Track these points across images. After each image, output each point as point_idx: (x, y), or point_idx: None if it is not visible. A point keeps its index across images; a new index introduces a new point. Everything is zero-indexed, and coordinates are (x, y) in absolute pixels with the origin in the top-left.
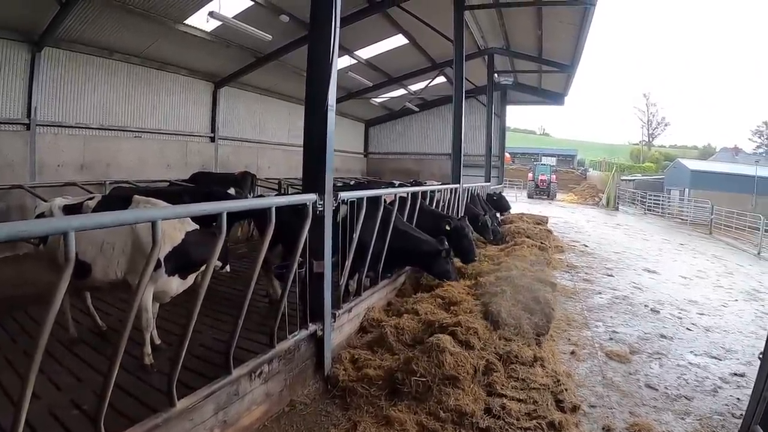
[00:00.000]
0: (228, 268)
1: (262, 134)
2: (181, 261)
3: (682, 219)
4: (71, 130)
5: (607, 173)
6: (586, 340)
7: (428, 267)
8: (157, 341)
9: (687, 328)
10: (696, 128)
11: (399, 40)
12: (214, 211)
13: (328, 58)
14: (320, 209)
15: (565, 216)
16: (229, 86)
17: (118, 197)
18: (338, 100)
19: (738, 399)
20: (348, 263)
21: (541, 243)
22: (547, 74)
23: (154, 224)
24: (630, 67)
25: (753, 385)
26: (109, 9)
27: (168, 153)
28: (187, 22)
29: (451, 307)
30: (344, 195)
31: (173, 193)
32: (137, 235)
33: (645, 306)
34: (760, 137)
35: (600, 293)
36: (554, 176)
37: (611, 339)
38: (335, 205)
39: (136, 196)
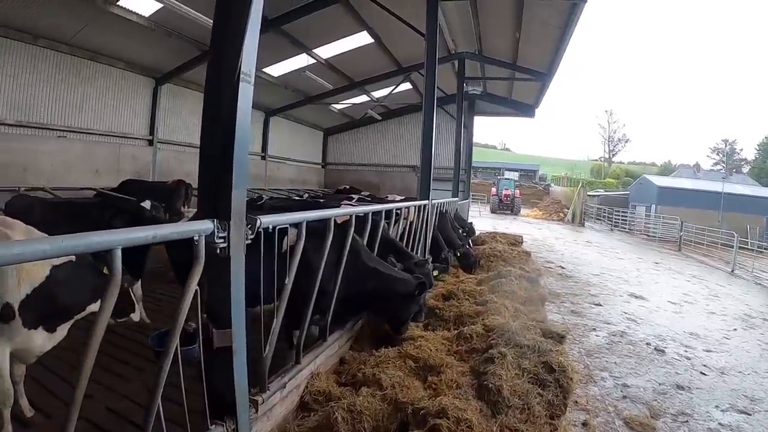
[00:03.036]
0: (136, 316)
1: None
2: (45, 308)
3: (649, 235)
4: None
5: (571, 188)
6: (596, 401)
7: (395, 312)
8: (29, 413)
9: (701, 373)
10: (655, 145)
11: (363, 38)
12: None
13: None
14: (221, 245)
15: (533, 233)
16: (171, 83)
17: None
18: (294, 105)
19: None
20: (277, 320)
21: (527, 271)
22: (519, 84)
23: None
24: (589, 84)
25: None
26: None
27: (97, 156)
28: (120, 3)
29: (429, 377)
30: (268, 220)
31: (84, 207)
32: None
33: (647, 344)
34: (718, 154)
35: (594, 330)
36: (518, 191)
37: (625, 397)
38: (251, 236)
39: None
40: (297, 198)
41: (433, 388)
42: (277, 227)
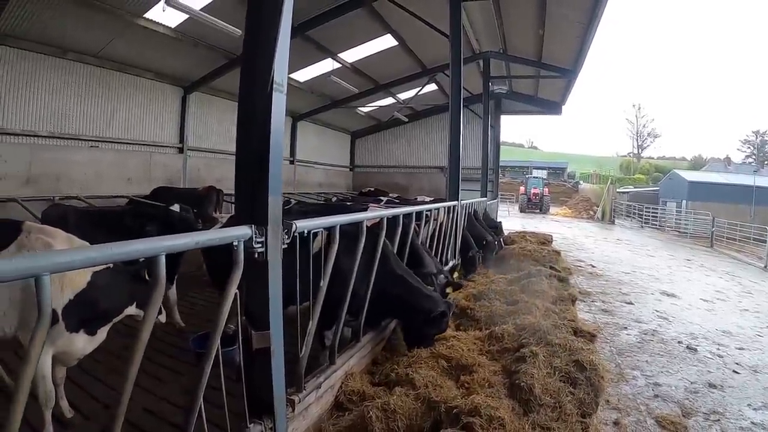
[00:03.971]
0: (162, 317)
1: None
2: (87, 312)
3: (680, 232)
4: (16, 138)
5: (600, 186)
6: (627, 399)
7: (413, 329)
8: (68, 414)
9: (733, 371)
10: (684, 139)
11: (387, 41)
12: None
13: (277, 2)
14: (259, 250)
15: (563, 231)
16: (199, 91)
17: (7, 225)
18: (321, 109)
19: None
20: (313, 322)
21: (557, 271)
22: (545, 82)
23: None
24: (617, 79)
25: None
26: (57, 1)
27: (129, 165)
28: (147, 16)
29: (461, 376)
30: (304, 224)
31: (115, 214)
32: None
33: (679, 342)
34: (749, 147)
35: (625, 328)
36: (547, 189)
37: (656, 396)
38: (287, 240)
39: (27, 224)
40: (323, 202)
41: (466, 387)
42: (312, 231)
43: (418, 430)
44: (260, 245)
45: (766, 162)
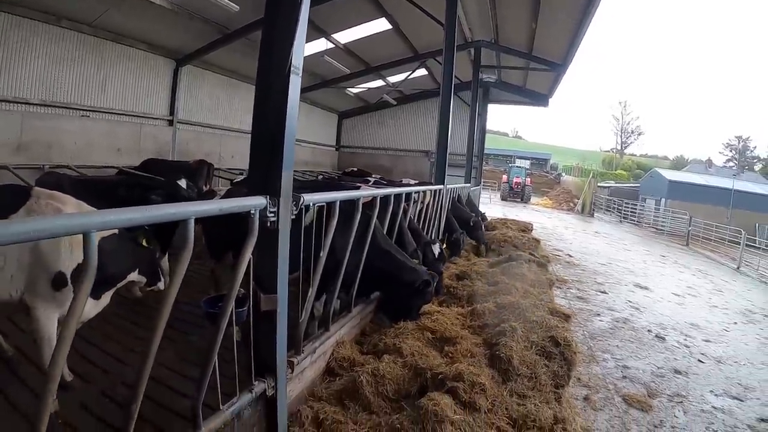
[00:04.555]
0: (162, 284)
1: (227, 120)
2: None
3: (657, 229)
4: (7, 105)
5: (582, 179)
6: (597, 379)
7: (399, 300)
8: (68, 377)
9: (699, 360)
10: (668, 139)
11: (381, 25)
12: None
13: None
14: (272, 219)
15: (543, 221)
16: (192, 65)
17: (16, 189)
18: (311, 88)
19: None
20: (313, 290)
21: (536, 257)
22: (534, 73)
23: (86, 237)
24: (605, 75)
25: None
26: None
27: (119, 136)
28: None
29: (445, 347)
30: (310, 198)
31: (109, 184)
32: (37, 242)
33: (648, 331)
34: (731, 150)
35: (599, 315)
36: (529, 179)
37: (624, 377)
38: (295, 211)
39: (37, 189)
40: (313, 179)
41: (450, 357)
42: (316, 204)
43: (406, 393)
44: (273, 215)
45: (746, 167)
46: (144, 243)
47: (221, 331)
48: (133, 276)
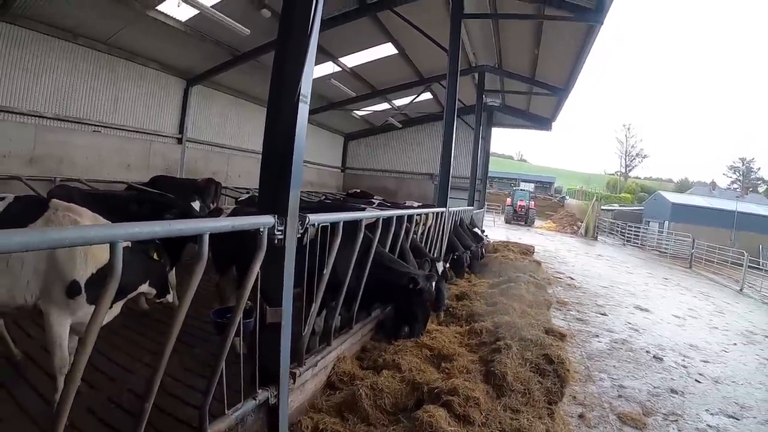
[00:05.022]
0: (171, 297)
1: (235, 140)
2: None
3: (661, 251)
4: (22, 117)
5: (585, 202)
6: (593, 398)
7: (405, 306)
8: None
9: (696, 380)
10: (672, 161)
11: (388, 50)
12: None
13: (307, 27)
14: (279, 237)
15: (546, 244)
16: (202, 85)
17: (34, 200)
18: (318, 110)
19: None
20: (315, 305)
21: (536, 279)
22: (537, 98)
23: (113, 246)
24: (609, 98)
25: None
26: None
27: (129, 152)
28: (159, 8)
29: (442, 363)
30: (315, 218)
31: (120, 199)
32: (53, 250)
33: (647, 352)
34: (735, 173)
35: (597, 336)
36: (533, 202)
37: (620, 396)
38: (301, 231)
39: (55, 201)
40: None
41: (446, 373)
42: (321, 224)
43: (403, 407)
44: (281, 233)
45: (750, 189)
46: (155, 256)
47: (230, 339)
48: (144, 287)
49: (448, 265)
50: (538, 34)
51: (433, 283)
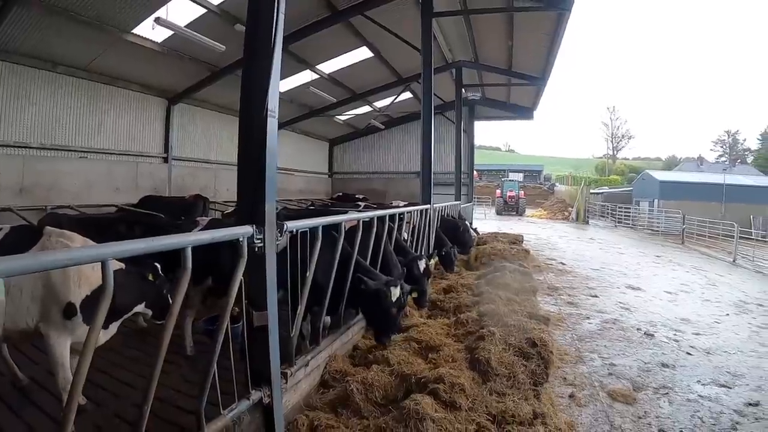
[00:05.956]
0: None
1: (220, 155)
2: None
3: (653, 230)
4: (9, 149)
5: (575, 187)
6: (583, 377)
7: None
8: (82, 401)
9: (687, 353)
10: (658, 140)
11: (363, 53)
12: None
13: (269, 44)
14: (259, 245)
15: (538, 232)
16: (183, 102)
17: (29, 229)
18: (300, 118)
19: None
20: (300, 309)
21: (522, 266)
22: (516, 88)
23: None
24: (592, 82)
25: None
26: (50, 16)
27: (116, 175)
28: (135, 31)
29: (429, 354)
30: (293, 224)
31: (110, 221)
32: (48, 275)
33: (638, 329)
34: (721, 146)
35: (588, 318)
36: (522, 192)
37: (611, 374)
38: (280, 237)
39: (48, 228)
40: (306, 207)
41: (433, 363)
42: (299, 230)
43: (393, 399)
44: (260, 241)
45: (738, 160)
46: (150, 278)
47: (219, 343)
48: (140, 308)
49: (437, 260)
50: (511, 25)
51: (397, 288)
